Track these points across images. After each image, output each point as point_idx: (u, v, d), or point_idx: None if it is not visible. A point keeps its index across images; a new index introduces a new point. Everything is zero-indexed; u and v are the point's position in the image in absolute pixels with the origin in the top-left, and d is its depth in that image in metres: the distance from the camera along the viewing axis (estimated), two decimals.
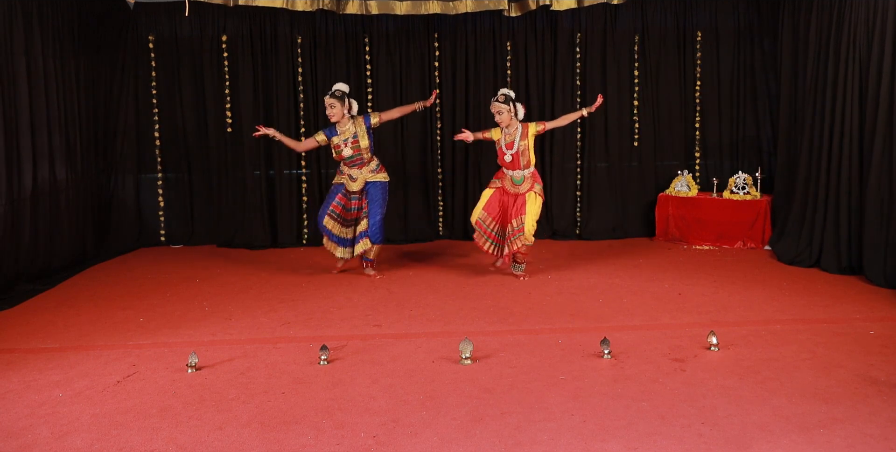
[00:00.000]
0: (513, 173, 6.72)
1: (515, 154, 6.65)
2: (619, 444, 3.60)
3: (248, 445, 3.67)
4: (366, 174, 6.82)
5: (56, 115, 7.22)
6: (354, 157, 6.77)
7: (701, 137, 8.80)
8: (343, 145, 6.74)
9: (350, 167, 6.81)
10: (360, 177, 6.80)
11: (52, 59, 7.11)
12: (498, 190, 6.81)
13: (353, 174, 6.81)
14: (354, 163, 6.79)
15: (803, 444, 3.57)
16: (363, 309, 5.98)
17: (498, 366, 4.64)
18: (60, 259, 7.28)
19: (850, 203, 6.80)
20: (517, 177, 6.72)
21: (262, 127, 6.90)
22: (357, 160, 6.78)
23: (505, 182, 6.78)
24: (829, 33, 6.96)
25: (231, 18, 8.45)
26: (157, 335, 5.41)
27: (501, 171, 6.84)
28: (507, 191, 6.77)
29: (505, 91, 6.70)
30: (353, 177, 6.81)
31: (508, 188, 6.76)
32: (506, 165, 6.74)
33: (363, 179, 6.81)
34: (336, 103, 6.72)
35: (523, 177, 6.73)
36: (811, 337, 5.10)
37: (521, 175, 6.72)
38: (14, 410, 4.10)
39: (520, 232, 6.62)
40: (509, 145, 6.66)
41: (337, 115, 6.73)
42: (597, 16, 8.54)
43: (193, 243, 8.73)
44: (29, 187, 6.78)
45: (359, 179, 6.80)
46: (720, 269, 7.10)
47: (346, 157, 6.76)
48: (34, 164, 6.87)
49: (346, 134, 6.75)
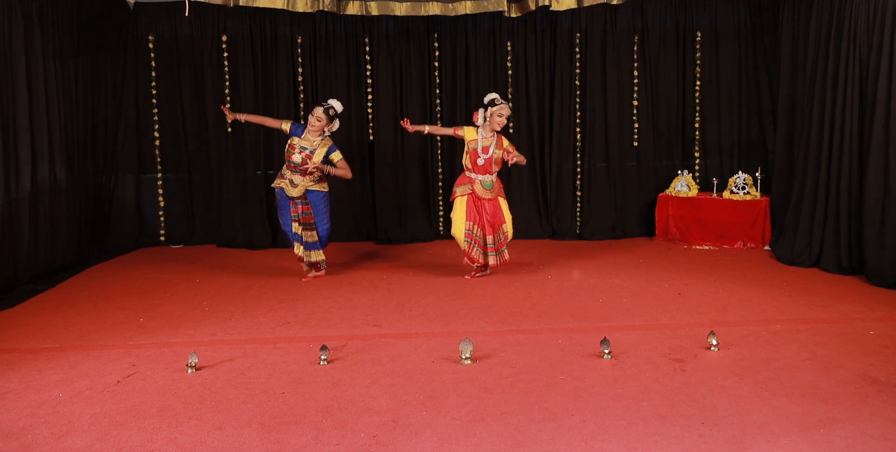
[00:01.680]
0: (482, 178, 6.67)
1: (489, 159, 6.61)
2: (619, 444, 3.60)
3: (248, 445, 3.67)
4: (307, 182, 6.73)
5: (56, 115, 7.21)
6: (299, 165, 6.71)
7: (701, 137, 8.80)
8: (297, 151, 6.70)
9: (293, 172, 6.75)
10: (301, 184, 6.72)
11: (51, 59, 7.09)
12: (470, 196, 6.70)
13: (295, 180, 6.72)
14: (297, 169, 6.73)
15: (803, 444, 3.57)
16: (363, 309, 5.98)
17: (498, 366, 4.64)
18: (60, 259, 7.28)
19: (850, 203, 6.80)
20: (486, 181, 6.68)
21: (227, 110, 6.97)
22: (302, 168, 6.71)
23: (475, 186, 6.68)
24: (829, 33, 6.96)
25: (231, 18, 8.45)
26: (157, 335, 5.41)
27: (466, 176, 6.74)
28: (479, 197, 6.68)
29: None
30: (293, 182, 6.72)
31: (480, 193, 6.67)
32: (476, 169, 6.66)
33: (304, 187, 6.73)
34: (324, 119, 6.70)
35: (492, 182, 6.70)
36: (811, 337, 5.10)
37: (490, 179, 6.69)
38: (14, 410, 4.10)
39: (508, 239, 6.77)
40: (485, 149, 6.60)
41: (317, 129, 6.72)
42: (596, 16, 8.54)
43: (193, 243, 8.74)
44: (28, 187, 6.77)
45: (300, 186, 6.71)
46: (720, 269, 7.10)
47: (292, 161, 6.71)
48: (33, 164, 6.86)
49: (306, 142, 6.72)
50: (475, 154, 6.63)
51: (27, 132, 6.74)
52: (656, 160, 8.85)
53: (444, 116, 8.72)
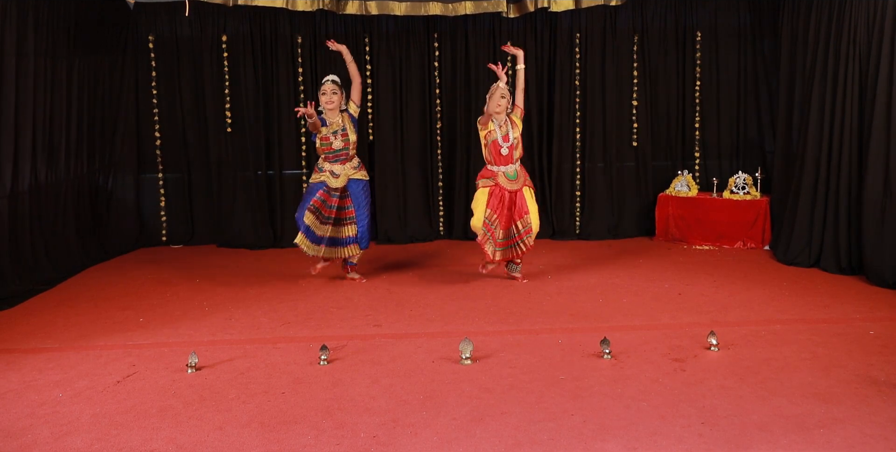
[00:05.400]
0: (506, 169, 6.45)
1: (511, 147, 6.40)
2: (619, 444, 3.60)
3: (248, 445, 3.67)
4: (348, 170, 6.57)
5: (58, 115, 7.20)
6: (340, 152, 6.54)
7: (701, 137, 8.79)
8: (332, 137, 6.51)
9: (332, 163, 6.56)
10: (343, 173, 6.54)
11: (50, 59, 7.05)
12: (493, 188, 6.47)
13: (336, 170, 6.53)
14: (339, 157, 6.55)
15: (803, 444, 3.57)
16: (363, 309, 5.98)
17: (498, 366, 4.64)
18: (60, 259, 7.26)
19: (850, 203, 6.80)
20: (510, 172, 6.46)
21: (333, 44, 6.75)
22: (342, 155, 6.55)
23: (499, 179, 6.46)
24: (829, 33, 6.96)
25: (231, 18, 8.45)
26: (157, 335, 5.41)
27: (488, 170, 6.52)
28: (505, 189, 6.46)
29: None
30: (335, 173, 6.53)
31: (505, 185, 6.45)
32: (499, 160, 6.44)
33: (346, 176, 6.55)
34: (338, 91, 6.53)
35: (516, 172, 6.49)
36: (811, 337, 5.10)
37: (514, 169, 6.48)
38: (14, 410, 4.10)
39: (528, 233, 6.50)
40: (505, 138, 6.38)
41: (336, 104, 6.53)
42: (596, 16, 8.54)
43: (193, 243, 8.73)
44: (27, 187, 6.76)
45: (342, 175, 6.53)
46: (720, 269, 7.10)
47: (334, 150, 6.52)
48: (33, 164, 6.84)
49: (334, 125, 6.54)
50: (496, 145, 6.40)
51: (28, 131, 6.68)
52: (656, 160, 8.84)
53: (444, 116, 8.72)
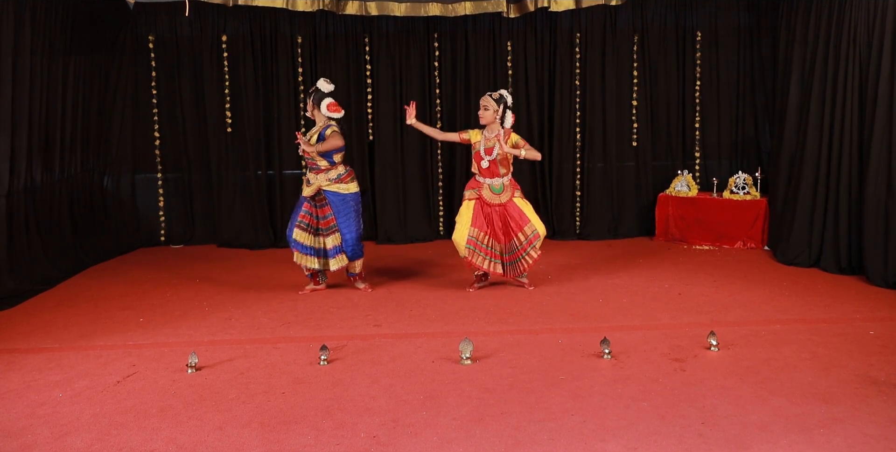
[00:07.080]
0: (491, 181, 6.22)
1: (493, 161, 6.14)
2: (619, 444, 3.60)
3: (248, 445, 3.67)
4: (322, 181, 6.20)
5: (55, 114, 7.20)
6: (311, 160, 6.25)
7: (701, 137, 8.79)
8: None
9: (310, 170, 6.27)
10: (315, 182, 6.21)
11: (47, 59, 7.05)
12: (477, 201, 6.26)
13: (311, 178, 6.24)
14: (312, 165, 6.24)
15: (803, 444, 3.57)
16: (363, 309, 5.98)
17: (498, 366, 4.64)
18: (59, 259, 7.25)
19: (850, 203, 6.80)
20: (496, 185, 6.22)
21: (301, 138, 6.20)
22: (312, 164, 6.24)
23: (483, 192, 6.24)
24: (829, 33, 6.96)
25: (231, 18, 8.44)
26: (157, 335, 5.41)
27: (475, 181, 6.30)
28: (488, 202, 6.23)
29: (503, 92, 6.28)
30: (309, 181, 6.25)
31: (488, 198, 6.23)
32: (482, 172, 6.22)
33: (316, 186, 6.20)
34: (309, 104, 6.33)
35: (502, 185, 6.24)
36: (811, 337, 5.10)
37: (500, 183, 6.23)
38: (14, 410, 4.10)
39: (536, 240, 6.23)
40: (488, 151, 6.14)
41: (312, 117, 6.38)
42: (596, 16, 8.54)
43: (193, 243, 8.73)
44: (27, 186, 6.76)
45: (313, 185, 6.22)
46: (720, 269, 7.10)
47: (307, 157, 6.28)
48: (30, 163, 6.83)
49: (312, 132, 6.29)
50: (478, 156, 6.21)
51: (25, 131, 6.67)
52: (656, 160, 8.85)
53: (444, 116, 8.72)
